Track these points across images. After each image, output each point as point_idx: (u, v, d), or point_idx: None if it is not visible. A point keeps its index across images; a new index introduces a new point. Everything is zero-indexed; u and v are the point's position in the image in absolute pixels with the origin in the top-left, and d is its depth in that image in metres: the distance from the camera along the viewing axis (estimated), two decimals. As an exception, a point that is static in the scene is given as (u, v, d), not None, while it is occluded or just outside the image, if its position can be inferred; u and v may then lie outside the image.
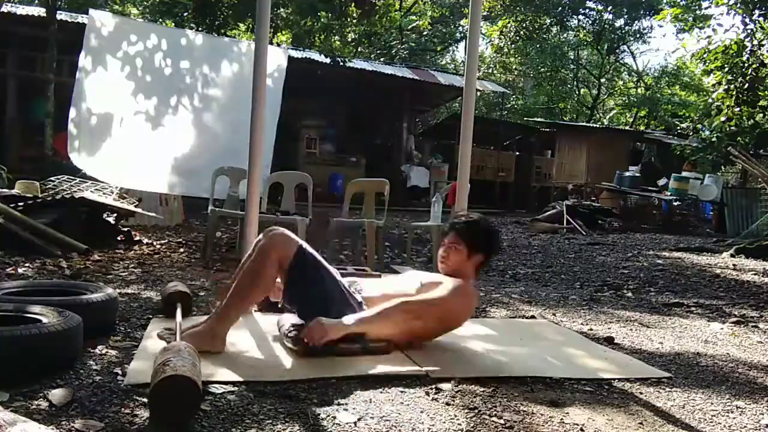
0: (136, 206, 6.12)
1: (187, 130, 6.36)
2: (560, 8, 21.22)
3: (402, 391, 2.02)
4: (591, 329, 3.19)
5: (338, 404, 1.87)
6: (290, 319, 2.52)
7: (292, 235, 2.47)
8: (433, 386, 2.07)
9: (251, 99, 3.17)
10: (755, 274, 5.60)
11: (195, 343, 2.04)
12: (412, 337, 2.49)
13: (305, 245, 2.47)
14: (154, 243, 5.74)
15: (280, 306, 2.67)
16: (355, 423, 1.74)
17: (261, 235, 2.50)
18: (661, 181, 12.67)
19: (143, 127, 6.16)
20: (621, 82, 26.61)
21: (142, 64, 6.20)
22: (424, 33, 22.47)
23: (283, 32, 11.58)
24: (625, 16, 21.88)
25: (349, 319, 2.35)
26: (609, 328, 3.23)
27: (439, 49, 24.75)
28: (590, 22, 22.59)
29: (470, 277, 2.62)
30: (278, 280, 2.47)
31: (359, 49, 18.84)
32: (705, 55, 11.18)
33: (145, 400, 1.76)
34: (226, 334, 2.35)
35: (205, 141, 6.38)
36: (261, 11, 3.11)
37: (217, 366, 2.13)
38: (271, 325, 2.67)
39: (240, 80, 6.46)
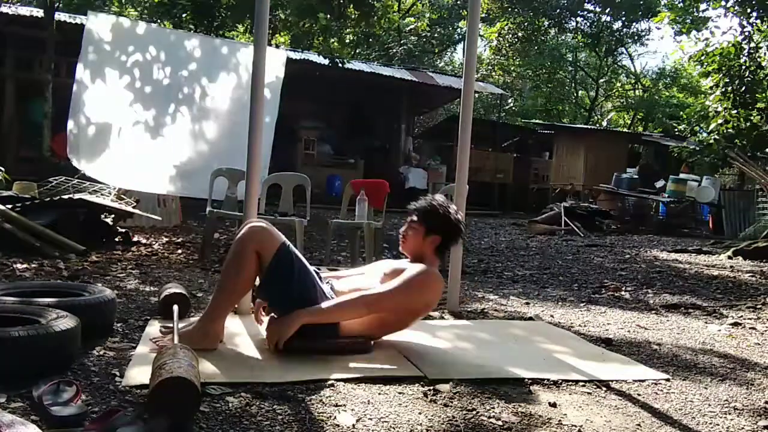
0: (134, 207, 6.11)
1: (186, 134, 6.35)
2: (558, 10, 21.28)
3: (400, 393, 2.02)
4: (589, 330, 3.19)
5: (336, 406, 1.86)
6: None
7: (273, 229, 2.43)
8: (431, 387, 2.07)
9: (249, 101, 3.17)
10: (752, 276, 5.61)
11: (188, 342, 2.07)
12: (383, 329, 2.52)
13: (287, 242, 2.45)
14: (152, 244, 5.73)
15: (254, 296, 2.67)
16: (353, 424, 1.74)
17: (239, 228, 2.52)
18: (659, 183, 12.68)
19: (142, 136, 6.17)
20: (619, 84, 26.65)
21: (140, 73, 6.19)
22: (423, 35, 22.50)
23: (282, 34, 11.58)
24: (623, 19, 21.95)
25: (302, 312, 2.33)
26: (607, 330, 3.24)
27: (437, 50, 24.80)
28: (588, 24, 22.66)
29: (432, 261, 2.60)
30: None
31: (358, 51, 18.87)
32: (702, 58, 11.23)
33: (143, 401, 1.76)
34: (219, 331, 2.38)
35: (204, 143, 6.38)
36: (259, 13, 3.10)
37: (216, 367, 2.13)
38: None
39: (238, 82, 6.46)
